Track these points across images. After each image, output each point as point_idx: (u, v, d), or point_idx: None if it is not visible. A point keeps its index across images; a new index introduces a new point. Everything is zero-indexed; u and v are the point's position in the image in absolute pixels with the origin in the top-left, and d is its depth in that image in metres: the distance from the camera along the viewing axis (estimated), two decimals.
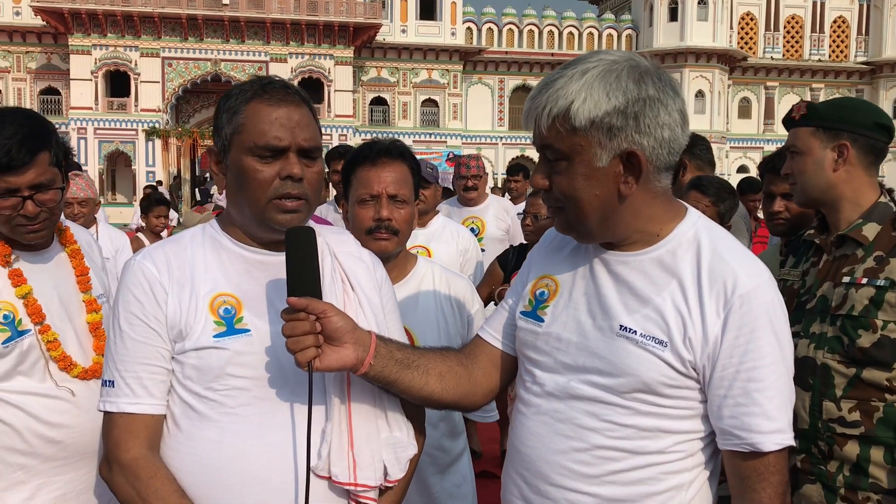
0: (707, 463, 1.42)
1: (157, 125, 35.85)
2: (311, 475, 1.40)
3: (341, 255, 1.60)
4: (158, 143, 35.94)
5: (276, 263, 1.50)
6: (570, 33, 42.56)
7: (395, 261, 2.16)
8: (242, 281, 1.51)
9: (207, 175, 32.62)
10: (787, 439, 1.34)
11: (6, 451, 1.87)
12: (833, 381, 1.85)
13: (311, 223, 1.55)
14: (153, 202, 6.89)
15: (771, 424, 1.33)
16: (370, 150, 2.11)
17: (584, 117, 1.31)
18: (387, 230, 2.05)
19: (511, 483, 1.53)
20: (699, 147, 3.56)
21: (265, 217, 1.47)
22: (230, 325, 1.45)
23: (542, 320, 1.49)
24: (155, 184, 25.55)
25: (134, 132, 36.03)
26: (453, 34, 40.42)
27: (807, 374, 1.88)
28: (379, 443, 1.50)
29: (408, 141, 36.57)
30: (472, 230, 5.27)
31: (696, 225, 1.42)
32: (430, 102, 41.05)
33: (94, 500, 2.01)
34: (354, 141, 32.76)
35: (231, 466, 1.41)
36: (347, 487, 1.45)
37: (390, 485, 1.52)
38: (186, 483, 1.43)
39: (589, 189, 1.36)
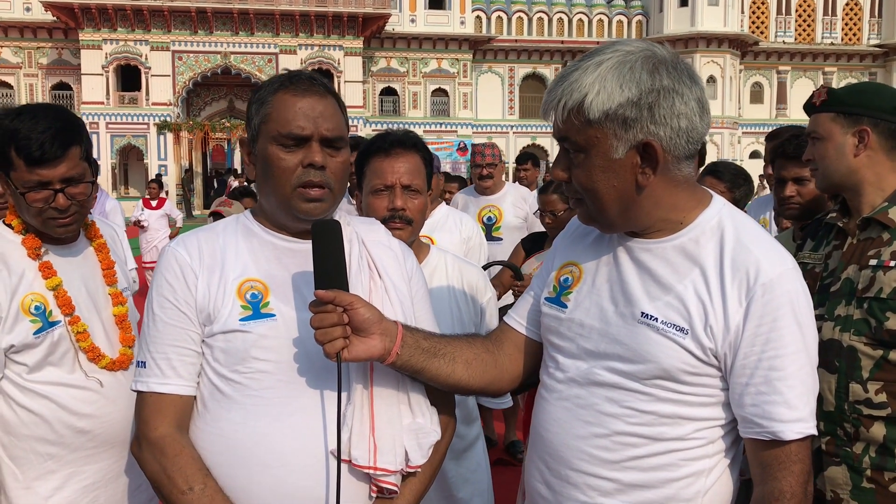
0: (728, 450, 1.43)
1: (168, 119, 35.94)
2: (332, 458, 1.42)
3: (370, 242, 1.63)
4: (170, 136, 36.01)
5: (305, 251, 1.52)
6: (580, 20, 42.29)
7: None
8: (271, 267, 1.54)
9: (213, 168, 32.36)
10: (809, 428, 1.34)
11: (36, 441, 1.91)
12: (860, 363, 1.85)
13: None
14: (237, 195, 6.91)
15: (792, 413, 1.33)
16: (384, 140, 2.14)
17: (597, 110, 1.32)
18: (401, 220, 2.08)
19: (534, 467, 1.56)
20: None
21: (290, 205, 1.50)
22: (256, 309, 1.49)
23: (566, 306, 1.51)
24: (156, 176, 25.11)
25: (145, 126, 36.15)
26: (462, 23, 40.25)
27: (832, 357, 1.88)
28: (401, 428, 1.52)
29: (418, 131, 36.45)
30: (490, 219, 5.26)
31: (720, 212, 1.43)
32: (440, 92, 40.92)
33: (124, 489, 2.05)
34: (365, 131, 32.74)
35: (254, 447, 1.44)
36: (367, 471, 1.48)
37: (412, 470, 1.55)
38: (211, 463, 1.46)
39: (607, 181, 1.36)
